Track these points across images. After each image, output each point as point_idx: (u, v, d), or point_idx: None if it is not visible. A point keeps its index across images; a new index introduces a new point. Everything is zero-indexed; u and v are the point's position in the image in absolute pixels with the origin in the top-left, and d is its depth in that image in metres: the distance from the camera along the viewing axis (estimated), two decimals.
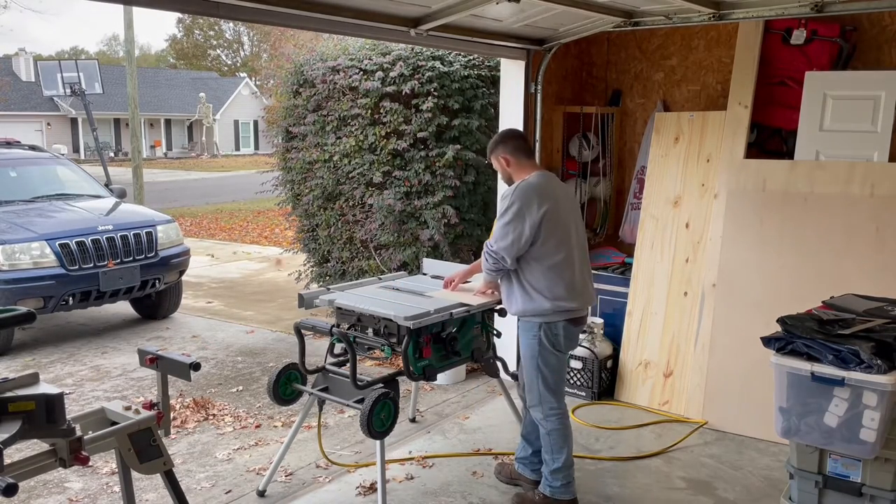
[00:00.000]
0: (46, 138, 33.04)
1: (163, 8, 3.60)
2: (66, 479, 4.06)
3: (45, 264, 6.41)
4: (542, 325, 3.46)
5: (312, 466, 4.19)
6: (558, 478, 3.59)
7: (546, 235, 3.39)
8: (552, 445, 3.58)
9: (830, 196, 4.51)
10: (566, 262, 3.46)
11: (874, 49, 4.73)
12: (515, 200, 3.39)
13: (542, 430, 3.60)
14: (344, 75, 6.36)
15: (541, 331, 3.47)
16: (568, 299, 3.45)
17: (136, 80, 15.00)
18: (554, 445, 3.58)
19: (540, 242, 3.39)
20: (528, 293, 3.45)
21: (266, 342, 6.78)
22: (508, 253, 3.39)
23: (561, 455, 3.58)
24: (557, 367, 3.58)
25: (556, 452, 3.58)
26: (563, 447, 3.58)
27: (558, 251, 3.43)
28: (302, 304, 3.78)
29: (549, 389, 3.54)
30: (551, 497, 3.62)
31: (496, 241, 3.42)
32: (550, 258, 3.42)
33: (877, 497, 2.99)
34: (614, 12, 4.60)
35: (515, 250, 3.38)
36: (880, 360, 2.85)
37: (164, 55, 61.69)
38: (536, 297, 3.43)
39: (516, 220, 3.37)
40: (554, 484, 3.60)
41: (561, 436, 3.57)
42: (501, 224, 3.41)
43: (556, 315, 3.45)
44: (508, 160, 3.57)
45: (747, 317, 4.61)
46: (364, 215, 6.48)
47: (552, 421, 3.56)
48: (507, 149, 3.58)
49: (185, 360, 2.66)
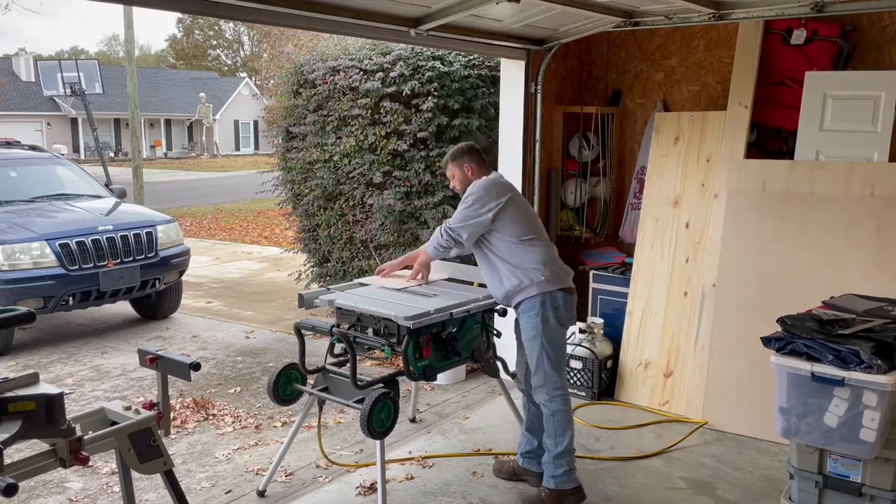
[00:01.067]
0: (46, 138, 33.05)
1: (163, 8, 3.60)
2: (66, 479, 4.06)
3: (45, 264, 6.41)
4: (542, 299, 3.56)
5: (312, 466, 4.19)
6: (561, 464, 3.63)
7: (513, 216, 3.61)
8: (556, 428, 3.63)
9: (830, 196, 4.50)
10: (538, 238, 3.68)
11: (874, 49, 4.73)
12: (477, 190, 3.65)
13: (547, 412, 3.64)
14: (344, 75, 6.36)
15: (542, 306, 3.57)
16: (553, 267, 3.63)
17: (136, 80, 14.99)
18: (558, 428, 3.63)
19: (508, 220, 3.60)
20: (513, 270, 3.60)
21: (266, 342, 6.78)
22: (466, 230, 3.59)
23: (564, 438, 3.63)
24: (560, 342, 3.69)
25: (559, 436, 3.63)
26: (567, 429, 3.64)
27: (527, 231, 3.65)
28: (302, 304, 3.78)
29: (553, 367, 3.62)
30: (556, 489, 3.65)
31: (455, 221, 3.64)
32: (520, 235, 3.62)
33: (877, 497, 2.99)
34: (614, 12, 4.60)
35: (473, 229, 3.60)
36: (880, 360, 2.85)
37: (164, 55, 61.69)
38: (524, 270, 3.58)
39: (477, 204, 3.60)
40: (556, 472, 3.64)
41: (565, 417, 3.64)
42: (462, 208, 3.64)
43: (550, 283, 3.58)
44: (473, 169, 3.80)
45: (747, 317, 4.61)
46: (364, 215, 6.48)
47: (557, 401, 3.62)
48: (473, 159, 3.81)
49: (185, 360, 2.66)
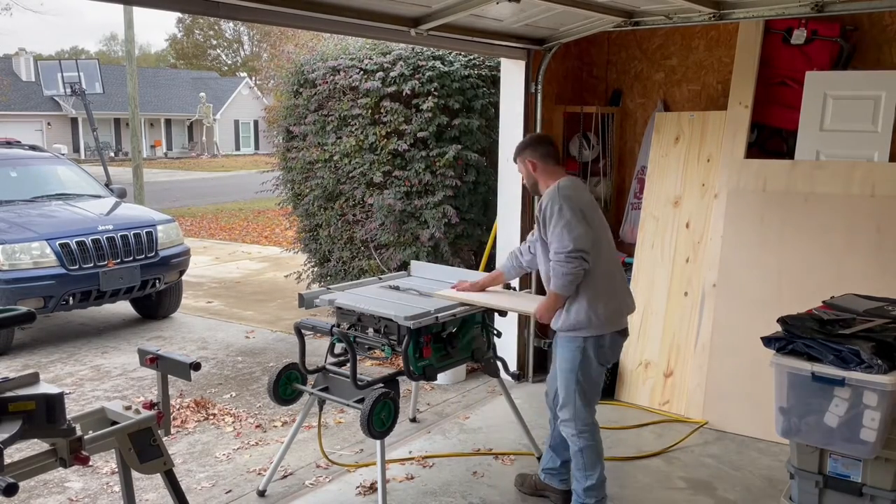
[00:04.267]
0: (47, 138, 33.04)
1: (163, 8, 3.60)
2: (66, 479, 4.06)
3: (46, 264, 6.41)
4: (587, 337, 3.29)
5: (313, 466, 4.19)
6: (592, 495, 3.42)
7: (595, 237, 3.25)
8: (585, 463, 3.41)
9: (831, 196, 4.50)
10: (616, 266, 3.40)
11: (874, 49, 4.72)
12: (563, 201, 3.21)
13: (574, 447, 3.42)
14: (344, 75, 6.36)
15: (586, 343, 3.30)
16: (620, 309, 3.36)
17: (137, 80, 15.00)
18: (588, 463, 3.41)
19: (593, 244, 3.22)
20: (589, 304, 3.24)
21: (266, 342, 6.78)
22: (585, 245, 3.14)
23: (595, 472, 3.41)
24: (597, 379, 3.42)
25: (588, 469, 3.41)
26: (597, 463, 3.42)
27: (609, 256, 3.33)
28: (302, 303, 3.77)
29: (585, 403, 3.38)
30: None
31: (567, 242, 3.13)
32: (604, 263, 3.27)
33: (877, 497, 2.98)
34: (614, 12, 4.60)
35: (590, 241, 3.17)
36: (881, 359, 2.85)
37: (164, 55, 61.70)
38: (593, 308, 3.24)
39: (575, 216, 3.17)
40: (587, 501, 3.43)
41: (594, 452, 3.42)
42: (561, 225, 3.16)
43: (606, 327, 3.30)
44: (535, 164, 3.42)
45: (747, 317, 4.61)
46: (364, 215, 6.48)
47: (585, 437, 3.39)
48: (535, 153, 3.42)
49: (185, 360, 2.66)
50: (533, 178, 3.45)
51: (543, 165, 3.41)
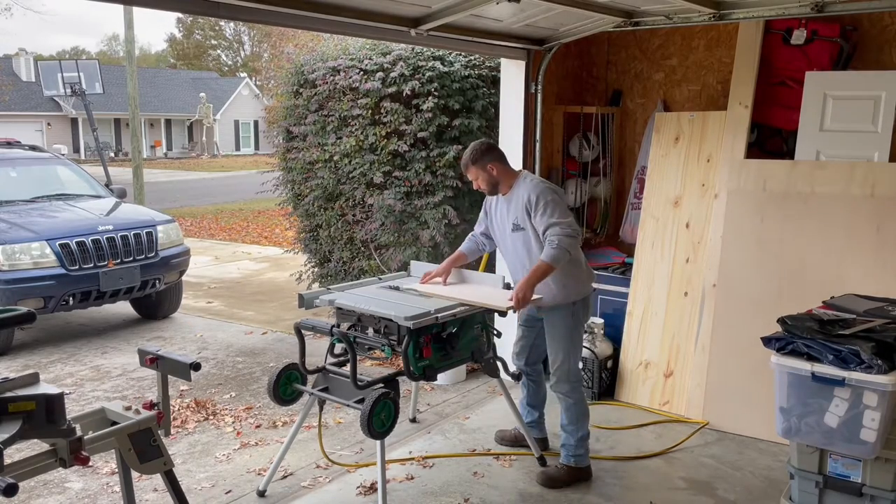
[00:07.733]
0: (47, 138, 33.06)
1: (163, 8, 3.60)
2: (66, 479, 4.06)
3: (46, 264, 6.41)
4: (577, 301, 3.81)
5: (313, 466, 4.19)
6: (584, 445, 3.92)
7: None
8: (577, 415, 3.89)
9: (831, 196, 4.50)
10: None
11: (874, 49, 4.73)
12: (549, 187, 3.73)
13: (568, 401, 3.88)
14: (344, 75, 6.36)
15: (575, 306, 3.81)
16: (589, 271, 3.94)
17: (137, 80, 15.00)
18: (580, 415, 3.90)
19: None
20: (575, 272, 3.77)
21: (266, 342, 6.78)
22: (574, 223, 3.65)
23: (586, 422, 3.93)
24: (581, 339, 4.02)
25: (581, 421, 3.91)
26: (587, 415, 3.94)
27: None
28: (302, 304, 3.77)
29: (575, 360, 3.89)
30: (576, 466, 3.92)
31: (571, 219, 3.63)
32: None
33: (877, 497, 2.99)
34: (614, 12, 4.60)
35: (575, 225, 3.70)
36: (881, 360, 2.85)
37: (164, 55, 61.70)
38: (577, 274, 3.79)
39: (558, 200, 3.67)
40: (578, 452, 3.91)
41: (583, 403, 3.93)
42: (561, 207, 3.65)
43: (587, 287, 3.89)
44: (496, 167, 3.81)
45: (747, 317, 4.61)
46: (364, 215, 6.48)
47: (577, 392, 3.89)
48: (494, 157, 3.82)
49: (185, 360, 2.66)
50: (494, 179, 3.83)
51: (502, 167, 3.84)
